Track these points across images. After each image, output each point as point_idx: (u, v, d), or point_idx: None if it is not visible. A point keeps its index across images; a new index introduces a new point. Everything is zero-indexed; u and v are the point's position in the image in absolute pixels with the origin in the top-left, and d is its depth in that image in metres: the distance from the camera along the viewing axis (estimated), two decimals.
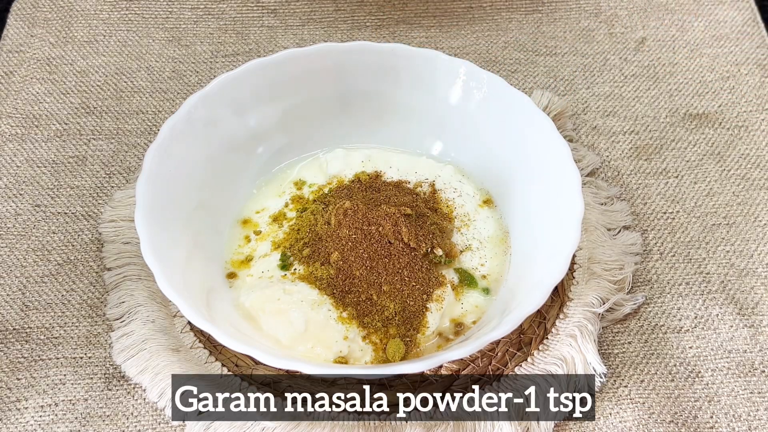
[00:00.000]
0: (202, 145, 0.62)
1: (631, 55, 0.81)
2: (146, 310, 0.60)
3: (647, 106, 0.76)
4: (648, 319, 0.62)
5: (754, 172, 0.71)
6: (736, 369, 0.59)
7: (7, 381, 0.58)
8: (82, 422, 0.56)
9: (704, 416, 0.57)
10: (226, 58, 0.80)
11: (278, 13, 0.84)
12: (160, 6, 0.83)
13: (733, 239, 0.67)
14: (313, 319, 0.56)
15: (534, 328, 0.60)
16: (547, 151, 0.61)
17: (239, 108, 0.64)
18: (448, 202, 0.65)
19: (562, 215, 0.57)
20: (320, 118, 0.68)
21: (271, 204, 0.65)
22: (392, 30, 0.83)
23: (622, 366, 0.60)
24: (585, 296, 0.61)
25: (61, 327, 0.61)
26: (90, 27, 0.81)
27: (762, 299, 0.63)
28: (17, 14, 0.81)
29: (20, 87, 0.76)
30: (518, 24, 0.84)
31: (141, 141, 0.73)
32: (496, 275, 0.61)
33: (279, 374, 0.57)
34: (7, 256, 0.64)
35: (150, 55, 0.80)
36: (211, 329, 0.50)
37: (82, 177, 0.70)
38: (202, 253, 0.60)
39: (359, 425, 0.55)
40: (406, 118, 0.68)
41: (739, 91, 0.77)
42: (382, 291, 0.58)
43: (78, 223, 0.67)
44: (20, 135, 0.72)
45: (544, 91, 0.76)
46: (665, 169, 0.72)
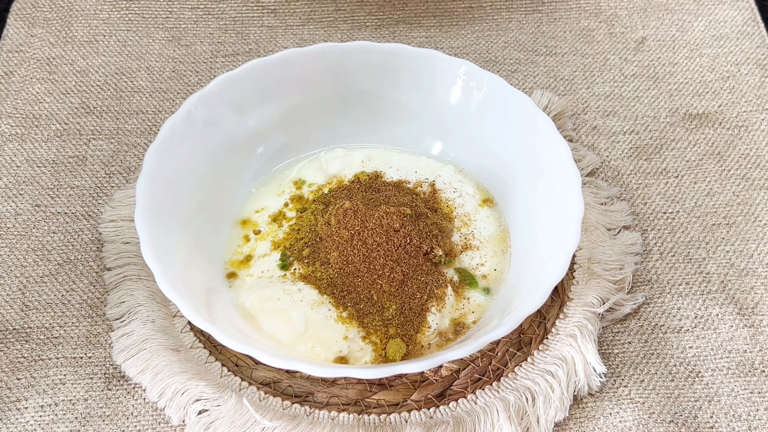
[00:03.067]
0: (202, 145, 0.62)
1: (631, 55, 0.81)
2: (146, 310, 0.60)
3: (647, 106, 0.76)
4: (648, 319, 0.62)
5: (754, 172, 0.71)
6: (736, 369, 0.59)
7: (7, 381, 0.58)
8: (82, 422, 0.56)
9: (704, 416, 0.57)
10: (226, 58, 0.80)
11: (278, 13, 0.84)
12: (160, 6, 0.83)
13: (733, 239, 0.67)
14: (313, 319, 0.56)
15: (534, 328, 0.60)
16: (547, 151, 0.61)
17: (239, 108, 0.64)
18: (448, 201, 0.65)
19: (562, 215, 0.57)
20: (320, 118, 0.68)
21: (271, 203, 0.66)
22: (392, 30, 0.83)
23: (622, 366, 0.60)
24: (585, 296, 0.61)
25: (61, 327, 0.61)
26: (90, 27, 0.81)
27: (762, 299, 0.63)
28: (17, 14, 0.81)
29: (20, 87, 0.76)
30: (518, 24, 0.84)
31: (141, 141, 0.73)
32: (496, 275, 0.61)
33: (279, 374, 0.57)
34: (7, 256, 0.64)
35: (150, 55, 0.80)
36: (211, 329, 0.50)
37: (82, 177, 0.70)
38: (202, 252, 0.60)
39: (359, 425, 0.55)
40: (406, 118, 0.68)
41: (739, 91, 0.77)
42: (382, 291, 0.58)
43: (78, 223, 0.67)
44: (20, 135, 0.72)
45: (544, 91, 0.76)
46: (665, 169, 0.72)
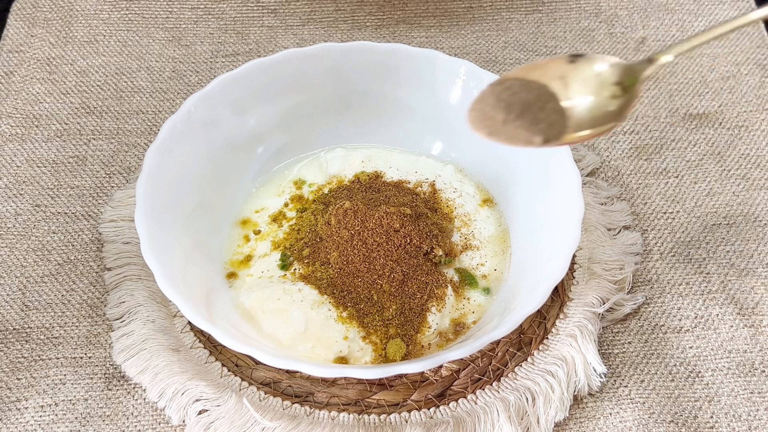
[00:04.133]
0: (202, 145, 0.62)
1: (631, 55, 0.81)
2: (146, 310, 0.60)
3: (647, 106, 0.76)
4: (648, 319, 0.62)
5: (754, 172, 0.71)
6: (736, 369, 0.59)
7: (7, 381, 0.58)
8: (82, 422, 0.56)
9: (704, 416, 0.57)
10: (226, 58, 0.80)
11: (278, 13, 0.84)
12: (160, 6, 0.83)
13: (733, 239, 0.67)
14: (313, 319, 0.56)
15: (534, 328, 0.60)
16: (547, 151, 0.61)
17: (239, 108, 0.64)
18: (448, 202, 0.65)
19: (562, 215, 0.57)
20: (320, 118, 0.68)
21: (270, 203, 0.66)
22: (392, 30, 0.83)
23: (622, 366, 0.60)
24: (585, 296, 0.61)
25: (61, 327, 0.61)
26: (90, 27, 0.81)
27: (762, 299, 0.63)
28: (17, 14, 0.81)
29: (20, 87, 0.76)
30: (518, 24, 0.84)
31: (141, 141, 0.73)
32: (497, 275, 0.61)
33: (279, 374, 0.57)
34: (7, 256, 0.64)
35: (150, 55, 0.80)
36: (211, 329, 0.50)
37: (82, 177, 0.70)
38: (202, 252, 0.60)
39: (359, 425, 0.55)
40: (406, 118, 0.68)
41: (739, 91, 0.77)
42: (382, 291, 0.58)
43: (78, 223, 0.67)
44: (20, 135, 0.72)
45: None
46: (665, 169, 0.72)
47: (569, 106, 0.47)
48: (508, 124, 0.46)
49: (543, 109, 0.47)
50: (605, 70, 0.47)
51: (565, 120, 0.46)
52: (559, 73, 0.47)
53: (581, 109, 0.47)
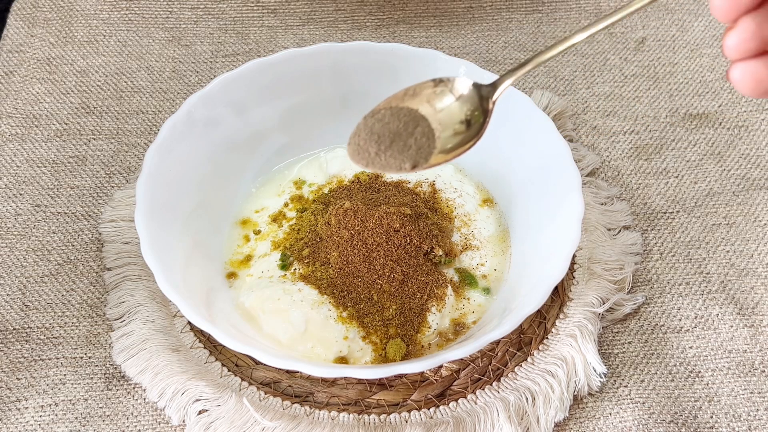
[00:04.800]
0: (202, 145, 0.62)
1: (631, 55, 0.81)
2: (146, 310, 0.60)
3: (647, 106, 0.76)
4: (648, 319, 0.62)
5: (754, 172, 0.71)
6: (736, 369, 0.59)
7: (7, 381, 0.58)
8: (82, 422, 0.56)
9: (704, 416, 0.57)
10: (226, 58, 0.80)
11: (278, 13, 0.84)
12: (160, 6, 0.83)
13: (733, 239, 0.67)
14: (313, 319, 0.56)
15: (534, 328, 0.60)
16: (547, 151, 0.61)
17: (239, 108, 0.64)
18: (448, 201, 0.65)
19: (562, 215, 0.57)
20: (320, 118, 0.68)
21: (270, 203, 0.66)
22: (392, 30, 0.83)
23: (622, 366, 0.60)
24: (585, 296, 0.61)
25: (61, 327, 0.61)
26: (90, 27, 0.81)
27: (762, 299, 0.63)
28: (17, 14, 0.81)
29: (20, 87, 0.76)
30: (518, 24, 0.84)
31: (141, 141, 0.73)
32: (497, 275, 0.61)
33: (279, 374, 0.57)
34: (7, 256, 0.64)
35: (150, 55, 0.80)
36: (211, 329, 0.50)
37: (82, 177, 0.70)
38: (202, 252, 0.60)
39: (359, 425, 0.55)
40: None
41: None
42: (382, 291, 0.58)
43: (78, 223, 0.67)
44: (20, 135, 0.72)
45: (544, 91, 0.76)
46: (665, 169, 0.72)
47: (436, 127, 0.50)
48: (380, 155, 0.50)
49: (411, 134, 0.50)
50: (463, 93, 0.51)
51: (433, 142, 0.50)
52: (426, 98, 0.51)
53: (446, 133, 0.50)
